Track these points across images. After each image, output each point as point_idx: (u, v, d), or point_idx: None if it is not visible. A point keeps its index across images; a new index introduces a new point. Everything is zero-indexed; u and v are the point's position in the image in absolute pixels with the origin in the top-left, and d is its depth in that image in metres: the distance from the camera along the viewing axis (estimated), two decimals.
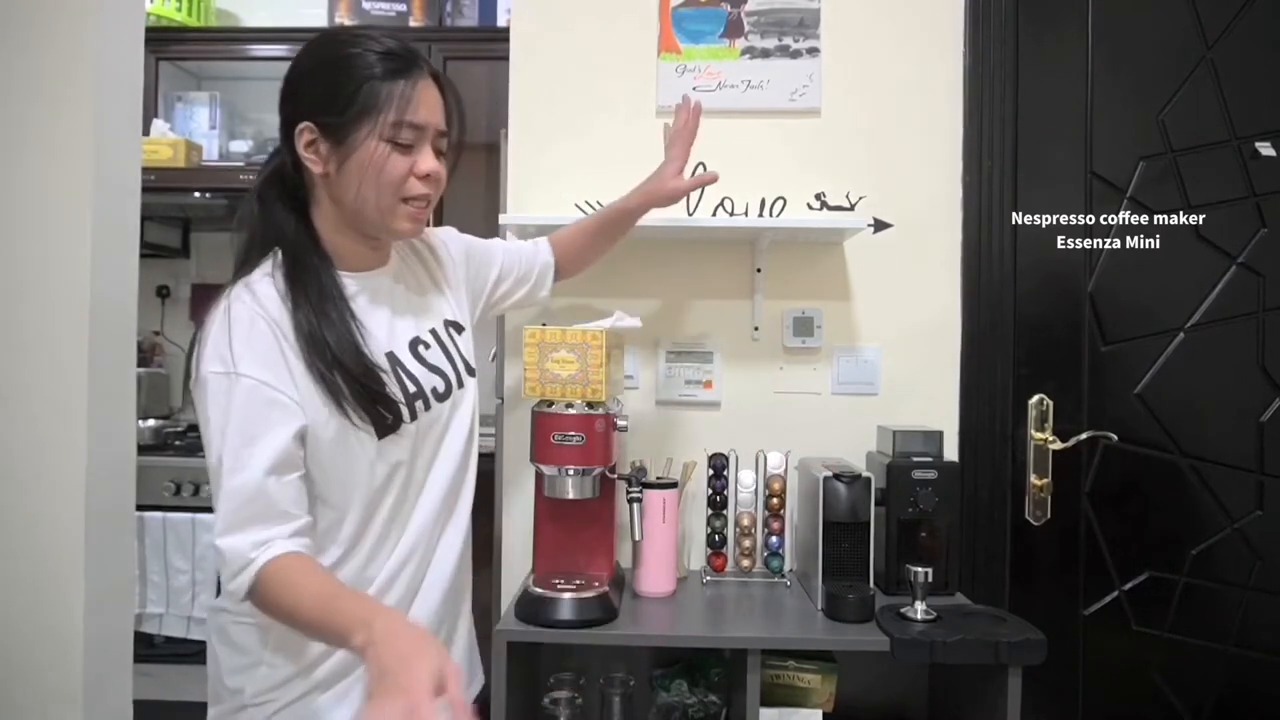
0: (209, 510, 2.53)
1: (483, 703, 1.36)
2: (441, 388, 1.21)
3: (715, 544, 1.74)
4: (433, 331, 1.24)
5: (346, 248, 1.16)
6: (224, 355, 1.03)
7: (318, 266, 1.11)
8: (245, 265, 1.13)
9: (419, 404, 1.16)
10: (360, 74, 1.08)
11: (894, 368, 1.87)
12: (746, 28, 1.86)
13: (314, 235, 1.14)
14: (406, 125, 1.09)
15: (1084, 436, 1.85)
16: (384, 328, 1.17)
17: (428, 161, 1.11)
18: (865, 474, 1.59)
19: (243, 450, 1.02)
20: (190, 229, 3.21)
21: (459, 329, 1.30)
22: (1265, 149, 1.86)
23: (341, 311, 1.10)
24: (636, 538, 1.56)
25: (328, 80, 1.09)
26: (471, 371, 1.28)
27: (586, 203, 1.86)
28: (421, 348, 1.21)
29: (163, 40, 2.91)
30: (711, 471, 1.74)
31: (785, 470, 1.74)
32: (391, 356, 1.15)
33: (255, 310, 1.06)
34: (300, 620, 0.99)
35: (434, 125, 1.12)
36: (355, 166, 1.09)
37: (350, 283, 1.15)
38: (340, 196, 1.12)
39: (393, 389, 1.12)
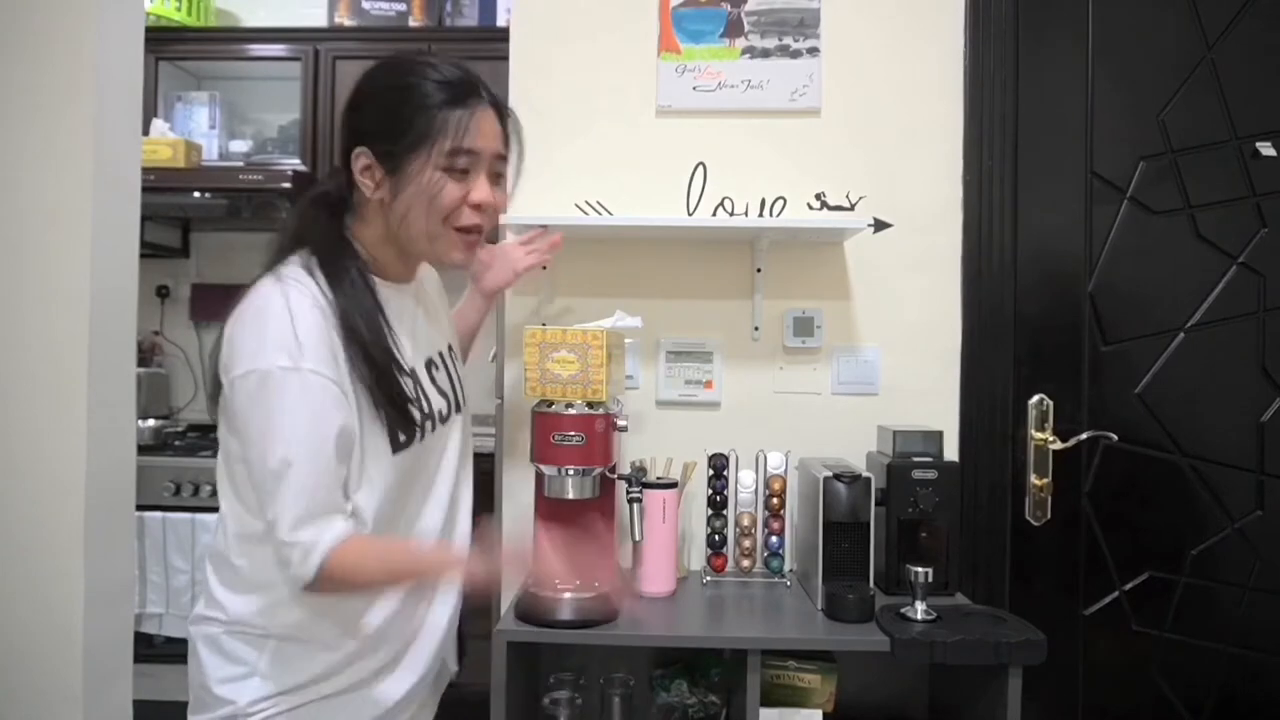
0: (209, 510, 2.58)
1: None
2: (445, 411, 1.21)
3: (715, 544, 1.74)
4: (441, 355, 1.25)
5: (386, 259, 1.15)
6: (290, 348, 1.01)
7: (352, 268, 1.10)
8: (276, 262, 1.11)
9: (428, 424, 1.16)
10: (416, 102, 1.08)
11: (894, 368, 1.87)
12: (746, 28, 1.86)
13: (348, 240, 1.14)
14: (463, 152, 1.09)
15: (1084, 436, 1.85)
16: (408, 341, 1.16)
17: (482, 190, 1.11)
18: (865, 474, 1.59)
19: (322, 447, 1.01)
20: (190, 229, 3.21)
21: (457, 357, 1.30)
22: (1265, 149, 1.86)
23: (379, 316, 1.09)
24: (636, 538, 1.56)
25: (386, 108, 1.10)
26: (460, 406, 1.26)
27: (586, 203, 1.86)
28: (433, 369, 1.21)
29: (163, 40, 2.91)
30: (711, 471, 1.74)
31: (785, 470, 1.74)
32: (413, 373, 1.15)
33: (315, 300, 1.05)
34: (376, 588, 1.11)
35: (490, 151, 1.12)
36: (409, 195, 1.09)
37: (382, 289, 1.14)
38: (392, 221, 1.12)
39: (413, 405, 1.12)
